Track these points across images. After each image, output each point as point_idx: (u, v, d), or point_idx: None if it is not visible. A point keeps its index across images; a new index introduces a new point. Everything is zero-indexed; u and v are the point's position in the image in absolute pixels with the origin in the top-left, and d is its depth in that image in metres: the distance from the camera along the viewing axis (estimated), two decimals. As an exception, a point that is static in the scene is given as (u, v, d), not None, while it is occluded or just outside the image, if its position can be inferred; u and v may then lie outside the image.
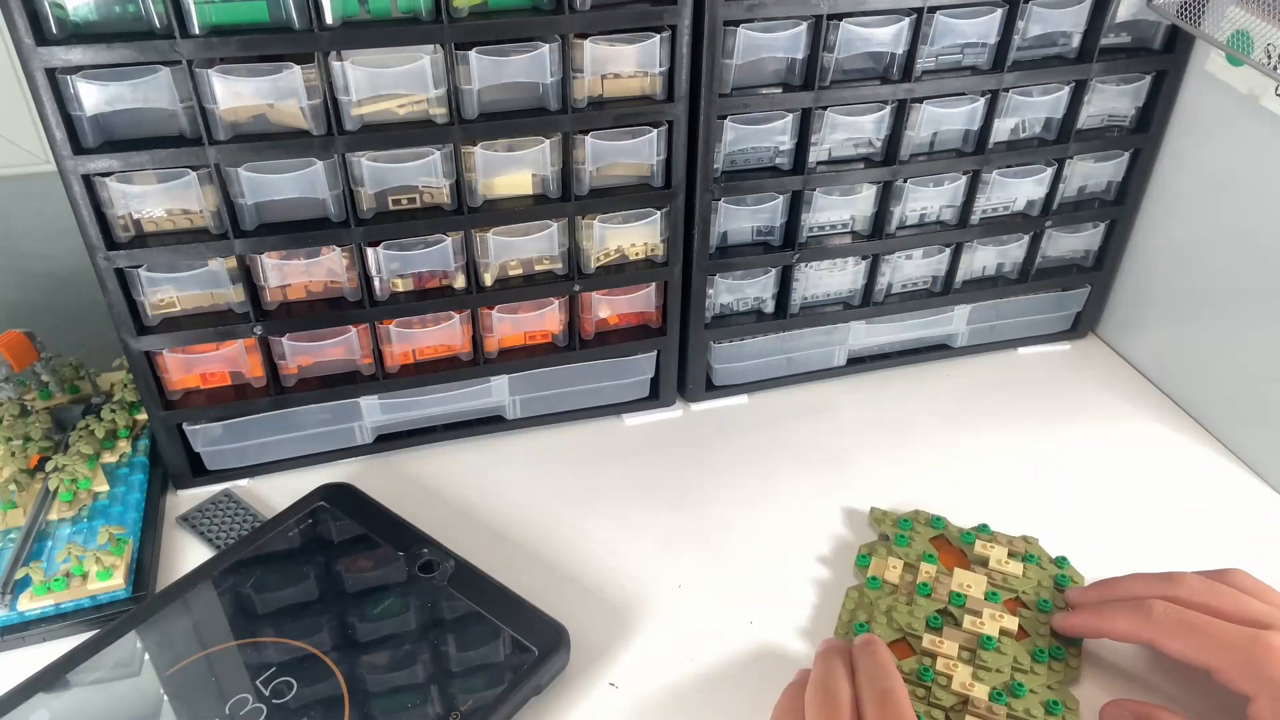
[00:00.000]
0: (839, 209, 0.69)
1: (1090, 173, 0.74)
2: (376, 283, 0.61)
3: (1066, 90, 0.68)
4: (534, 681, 0.51)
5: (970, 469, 0.68)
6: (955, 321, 0.78)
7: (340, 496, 0.61)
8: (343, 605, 0.54)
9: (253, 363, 0.62)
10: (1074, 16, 0.65)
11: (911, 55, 0.63)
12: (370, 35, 0.53)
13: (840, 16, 0.60)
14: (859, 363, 0.77)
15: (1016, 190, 0.72)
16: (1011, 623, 0.55)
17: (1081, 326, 0.82)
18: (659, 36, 0.57)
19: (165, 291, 0.58)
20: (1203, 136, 0.70)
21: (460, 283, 0.63)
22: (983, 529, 0.61)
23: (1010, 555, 0.59)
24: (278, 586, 0.56)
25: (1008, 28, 0.63)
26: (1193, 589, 0.51)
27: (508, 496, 0.65)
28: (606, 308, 0.68)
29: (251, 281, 0.59)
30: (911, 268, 0.74)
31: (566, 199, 0.61)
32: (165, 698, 0.50)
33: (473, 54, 0.54)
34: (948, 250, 0.73)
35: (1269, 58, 0.59)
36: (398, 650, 0.52)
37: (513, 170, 0.60)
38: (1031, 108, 0.68)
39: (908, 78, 0.63)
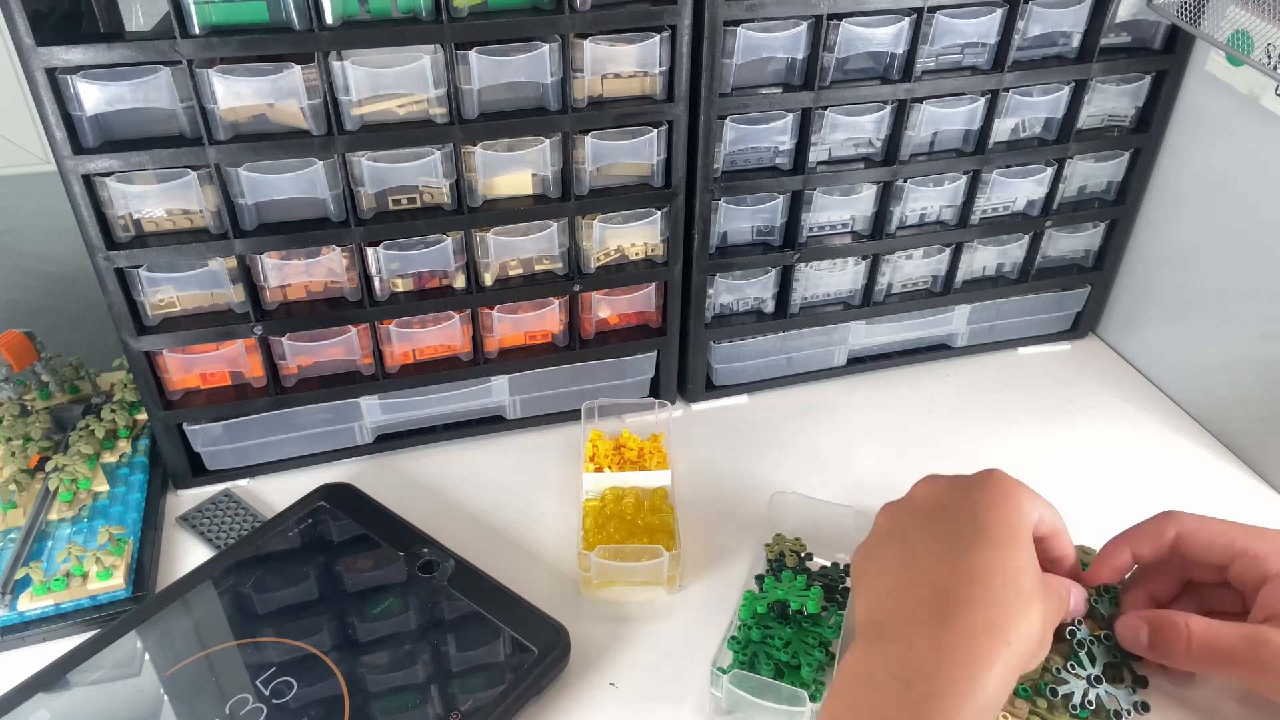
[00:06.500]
0: (839, 209, 0.69)
1: (1090, 173, 0.74)
2: (376, 283, 0.61)
3: (1066, 90, 0.68)
4: (534, 681, 0.51)
5: (970, 469, 0.68)
6: (955, 321, 0.78)
7: (340, 496, 0.61)
8: (343, 605, 0.54)
9: (253, 363, 0.62)
10: (1074, 16, 0.65)
11: (911, 55, 0.63)
12: (370, 35, 0.53)
13: (840, 16, 0.60)
14: (859, 363, 0.77)
15: (1016, 190, 0.72)
16: None
17: (1081, 326, 0.82)
18: (659, 36, 0.57)
19: (165, 291, 0.58)
20: (1203, 136, 0.70)
21: (460, 283, 0.63)
22: None
23: None
24: (278, 586, 0.56)
25: (1008, 28, 0.63)
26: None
27: (508, 496, 0.65)
28: (606, 308, 0.68)
29: (251, 281, 0.59)
30: (911, 268, 0.74)
31: (566, 199, 0.61)
32: (165, 698, 0.50)
33: (473, 54, 0.54)
34: (948, 250, 0.73)
35: (1269, 58, 0.59)
36: (398, 650, 0.52)
37: (513, 170, 0.60)
38: (1031, 108, 0.68)
39: (908, 78, 0.63)
